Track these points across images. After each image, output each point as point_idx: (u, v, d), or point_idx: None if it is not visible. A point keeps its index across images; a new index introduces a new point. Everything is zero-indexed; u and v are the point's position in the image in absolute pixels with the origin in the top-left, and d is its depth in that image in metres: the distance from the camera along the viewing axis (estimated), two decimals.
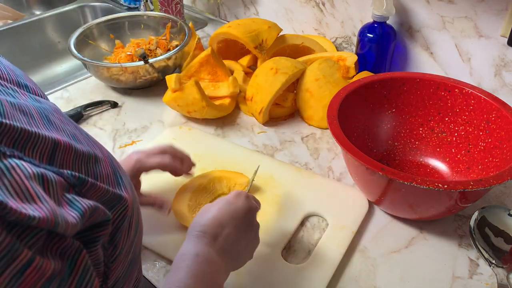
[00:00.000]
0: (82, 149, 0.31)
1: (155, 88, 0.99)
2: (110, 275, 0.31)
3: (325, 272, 0.58)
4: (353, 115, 0.72)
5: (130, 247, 0.34)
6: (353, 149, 0.59)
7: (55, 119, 0.32)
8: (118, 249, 0.32)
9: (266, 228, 0.64)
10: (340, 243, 0.62)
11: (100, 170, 0.32)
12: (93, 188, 0.30)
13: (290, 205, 0.68)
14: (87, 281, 0.27)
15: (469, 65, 0.85)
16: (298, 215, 0.66)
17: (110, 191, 0.32)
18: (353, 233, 0.63)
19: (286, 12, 1.11)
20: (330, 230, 0.64)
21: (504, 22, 0.76)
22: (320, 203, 0.68)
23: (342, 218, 0.65)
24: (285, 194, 0.70)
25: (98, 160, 0.33)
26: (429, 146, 0.75)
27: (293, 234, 0.64)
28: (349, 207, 0.67)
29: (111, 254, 0.32)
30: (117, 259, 0.32)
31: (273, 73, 0.85)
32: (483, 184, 0.53)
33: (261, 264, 0.59)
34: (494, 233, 0.62)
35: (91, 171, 0.31)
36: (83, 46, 1.00)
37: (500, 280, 0.57)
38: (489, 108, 0.67)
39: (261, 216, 0.65)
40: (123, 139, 0.84)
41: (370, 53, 0.90)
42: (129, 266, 0.35)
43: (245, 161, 0.77)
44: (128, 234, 0.34)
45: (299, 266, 0.59)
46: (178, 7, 1.16)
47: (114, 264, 0.32)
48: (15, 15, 1.33)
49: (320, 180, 0.73)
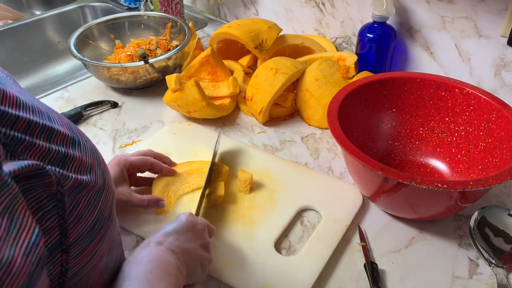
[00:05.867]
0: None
1: (155, 88, 0.99)
2: (70, 231, 0.32)
3: (316, 264, 0.59)
4: (353, 115, 0.72)
5: (93, 207, 0.34)
6: (353, 149, 0.59)
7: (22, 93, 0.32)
8: (75, 206, 0.32)
9: (260, 220, 0.65)
10: (332, 236, 0.63)
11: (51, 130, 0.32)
12: (32, 147, 0.30)
13: (285, 199, 0.69)
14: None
15: (469, 65, 0.85)
16: (292, 208, 0.67)
17: (60, 150, 0.32)
18: (345, 227, 0.64)
19: (286, 12, 1.11)
20: (323, 223, 0.65)
21: (504, 22, 0.76)
22: (314, 197, 0.69)
23: (335, 212, 0.67)
24: (280, 188, 0.71)
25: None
26: (429, 146, 0.75)
27: (287, 227, 0.65)
28: (343, 202, 0.68)
29: (69, 211, 0.31)
30: (75, 216, 0.32)
31: (273, 73, 0.85)
32: (483, 184, 0.53)
33: (254, 256, 0.60)
34: (494, 233, 0.62)
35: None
36: (83, 46, 1.00)
37: (500, 280, 0.57)
38: (490, 108, 0.67)
39: (256, 209, 0.67)
40: (123, 139, 0.84)
41: (370, 53, 0.90)
42: (94, 226, 0.35)
43: (243, 156, 0.78)
44: (90, 194, 0.34)
45: (292, 258, 0.60)
46: (178, 7, 1.16)
47: (70, 218, 0.32)
48: (15, 15, 1.33)
49: (315, 175, 0.74)
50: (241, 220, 0.66)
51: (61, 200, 0.30)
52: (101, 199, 0.36)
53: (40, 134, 0.31)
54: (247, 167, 0.75)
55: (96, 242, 0.35)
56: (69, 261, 0.32)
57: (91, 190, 0.34)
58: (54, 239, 0.30)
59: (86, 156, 0.35)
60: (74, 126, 0.37)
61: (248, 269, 0.59)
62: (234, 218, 0.66)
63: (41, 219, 0.29)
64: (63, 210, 0.31)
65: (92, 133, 0.86)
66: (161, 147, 0.79)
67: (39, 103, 0.34)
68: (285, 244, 0.63)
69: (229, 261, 0.60)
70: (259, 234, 0.63)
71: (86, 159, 0.35)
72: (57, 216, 0.30)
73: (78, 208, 0.32)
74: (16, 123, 0.29)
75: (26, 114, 0.30)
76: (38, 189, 0.29)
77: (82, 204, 0.33)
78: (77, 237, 0.32)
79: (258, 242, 0.62)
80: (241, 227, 0.65)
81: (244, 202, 0.69)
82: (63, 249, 0.31)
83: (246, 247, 0.61)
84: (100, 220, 0.35)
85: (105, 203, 0.36)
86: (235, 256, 0.60)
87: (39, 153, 0.30)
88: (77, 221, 0.32)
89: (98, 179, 0.35)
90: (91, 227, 0.34)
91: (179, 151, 0.79)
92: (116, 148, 0.82)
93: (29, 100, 0.32)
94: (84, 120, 0.89)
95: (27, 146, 0.29)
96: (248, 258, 0.60)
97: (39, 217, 0.29)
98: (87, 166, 0.34)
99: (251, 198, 0.69)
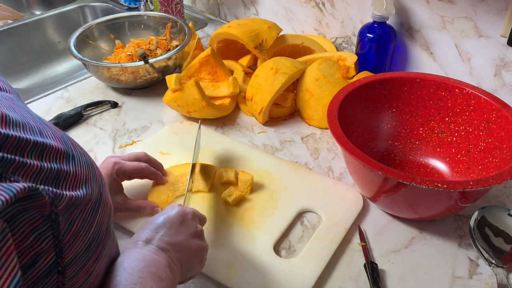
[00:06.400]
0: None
1: (155, 88, 0.99)
2: (65, 251, 0.31)
3: (316, 267, 0.59)
4: (353, 115, 0.72)
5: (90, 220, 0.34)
6: (353, 149, 0.59)
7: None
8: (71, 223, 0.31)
9: (260, 222, 0.65)
10: (332, 239, 0.63)
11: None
12: (23, 167, 0.29)
13: (285, 201, 0.69)
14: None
15: (469, 65, 0.85)
16: (292, 210, 0.67)
17: (53, 167, 0.31)
18: (345, 229, 0.64)
19: (286, 12, 1.11)
20: (323, 226, 0.65)
21: (504, 22, 0.76)
22: (314, 199, 0.69)
23: (335, 215, 0.66)
24: (280, 188, 0.71)
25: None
26: (430, 146, 0.75)
27: (286, 229, 0.65)
28: (343, 204, 0.68)
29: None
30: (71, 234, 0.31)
31: (273, 73, 0.85)
32: (483, 184, 0.53)
33: (253, 258, 0.60)
34: (494, 233, 0.62)
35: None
36: (83, 46, 1.00)
37: (500, 280, 0.57)
38: (490, 108, 0.67)
39: (256, 211, 0.67)
40: (123, 139, 0.84)
41: (370, 53, 0.90)
42: (91, 244, 0.34)
43: (244, 156, 0.77)
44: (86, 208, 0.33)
45: (291, 260, 0.60)
46: (178, 7, 1.16)
47: (66, 238, 0.31)
48: (15, 15, 1.33)
49: (316, 177, 0.74)
50: (241, 222, 0.65)
51: (55, 221, 0.29)
52: (97, 214, 0.34)
53: (32, 152, 0.30)
54: (247, 168, 0.75)
55: (93, 260, 0.34)
56: (65, 282, 0.31)
57: (86, 205, 0.33)
58: (50, 261, 0.29)
59: (80, 169, 0.34)
60: (68, 139, 0.36)
61: (248, 271, 0.58)
62: (234, 219, 0.66)
63: (36, 240, 0.28)
64: (57, 231, 0.30)
65: (92, 133, 0.86)
66: (162, 146, 0.79)
67: (30, 117, 0.33)
68: (284, 246, 0.63)
69: (229, 263, 0.59)
70: (259, 236, 0.63)
71: (81, 173, 0.34)
72: (52, 237, 0.29)
73: (73, 227, 0.31)
74: (5, 143, 0.28)
75: (15, 132, 0.29)
76: (32, 210, 0.28)
77: (77, 222, 0.32)
78: (73, 257, 0.31)
79: (258, 244, 0.62)
80: (241, 228, 0.64)
81: (244, 204, 0.68)
82: (59, 270, 0.30)
83: (245, 249, 0.61)
84: (97, 237, 0.34)
85: (102, 218, 0.35)
86: (235, 258, 0.60)
87: (30, 172, 0.29)
88: (73, 240, 0.31)
89: (93, 192, 0.34)
90: (88, 246, 0.33)
91: (181, 151, 0.79)
92: (116, 148, 0.82)
93: (20, 116, 0.31)
94: (84, 120, 0.89)
95: (17, 166, 0.28)
96: (247, 260, 0.60)
97: (33, 239, 0.28)
98: (82, 180, 0.33)
99: (251, 199, 0.69)
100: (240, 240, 0.63)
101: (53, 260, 0.30)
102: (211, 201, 0.69)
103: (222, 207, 0.68)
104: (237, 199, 0.68)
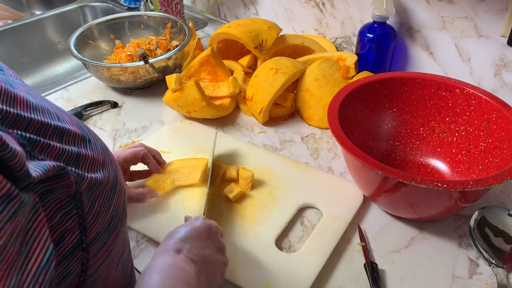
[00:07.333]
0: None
1: (155, 88, 0.99)
2: (89, 229, 0.32)
3: (317, 261, 0.59)
4: (353, 115, 0.72)
5: (108, 205, 0.35)
6: (353, 148, 0.59)
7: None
8: (94, 205, 0.33)
9: (261, 218, 0.66)
10: (333, 233, 0.63)
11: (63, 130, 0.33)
12: (48, 148, 0.30)
13: (286, 196, 0.69)
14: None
15: (469, 65, 0.85)
16: (293, 206, 0.68)
17: (73, 150, 0.32)
18: (346, 223, 0.65)
19: (286, 12, 1.11)
20: (323, 221, 0.65)
21: (504, 22, 0.76)
22: (315, 195, 0.70)
23: (336, 210, 0.67)
24: (281, 185, 0.71)
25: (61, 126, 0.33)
26: (430, 146, 0.75)
27: (287, 224, 0.65)
28: (343, 199, 0.69)
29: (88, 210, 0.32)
30: (93, 214, 0.33)
31: (273, 73, 0.85)
32: (483, 183, 0.53)
33: (255, 252, 0.61)
34: (494, 233, 0.62)
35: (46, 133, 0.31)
36: (83, 46, 1.00)
37: (500, 280, 0.57)
38: (490, 108, 0.67)
39: (257, 207, 0.68)
40: (123, 139, 0.84)
41: (370, 53, 0.90)
42: (111, 223, 0.35)
43: (244, 154, 0.78)
44: (105, 192, 0.34)
45: (292, 254, 0.61)
46: (178, 7, 1.16)
47: (89, 217, 0.32)
48: (15, 15, 1.33)
49: (316, 173, 0.74)
50: (242, 218, 0.66)
51: (80, 200, 0.31)
52: (115, 195, 0.36)
53: (53, 135, 0.31)
54: (248, 165, 0.75)
55: (113, 238, 0.36)
56: (89, 259, 0.32)
57: (105, 187, 0.34)
58: (75, 238, 0.31)
59: (97, 154, 0.35)
60: (83, 125, 0.37)
61: (249, 266, 0.59)
62: (235, 215, 0.66)
63: (62, 219, 0.30)
64: (81, 210, 0.31)
65: None
66: (162, 145, 0.79)
67: (47, 103, 0.34)
68: (285, 241, 0.64)
69: (231, 258, 0.59)
70: (260, 231, 0.64)
71: (98, 157, 0.35)
72: (77, 216, 0.31)
73: (95, 206, 0.33)
74: (29, 125, 0.29)
75: (37, 116, 0.31)
76: (59, 190, 0.29)
77: (98, 202, 0.33)
78: (96, 235, 0.33)
79: (260, 239, 0.63)
80: (242, 224, 0.65)
81: (245, 200, 0.69)
82: (83, 247, 0.32)
83: (247, 244, 0.62)
84: (115, 216, 0.36)
85: (119, 200, 0.37)
86: (236, 253, 0.61)
87: (54, 153, 0.30)
88: (95, 219, 0.33)
89: (110, 175, 0.36)
90: (108, 224, 0.35)
91: (181, 150, 0.79)
92: (116, 148, 0.82)
93: (38, 101, 0.33)
94: (84, 120, 0.89)
95: (43, 147, 0.29)
96: (249, 255, 0.60)
97: (60, 217, 0.29)
98: (99, 163, 0.35)
99: (252, 195, 0.69)
100: (241, 235, 0.63)
101: (78, 237, 0.31)
102: (213, 198, 0.69)
103: (223, 204, 0.68)
104: (238, 195, 0.68)
